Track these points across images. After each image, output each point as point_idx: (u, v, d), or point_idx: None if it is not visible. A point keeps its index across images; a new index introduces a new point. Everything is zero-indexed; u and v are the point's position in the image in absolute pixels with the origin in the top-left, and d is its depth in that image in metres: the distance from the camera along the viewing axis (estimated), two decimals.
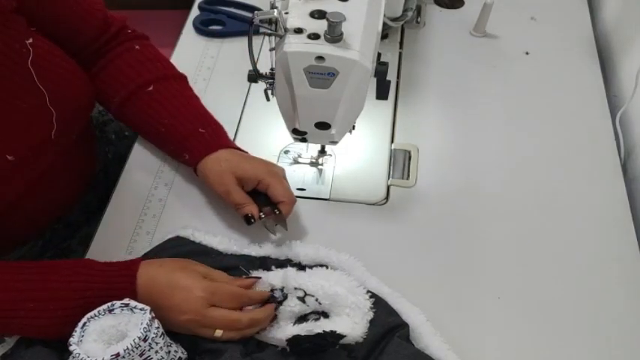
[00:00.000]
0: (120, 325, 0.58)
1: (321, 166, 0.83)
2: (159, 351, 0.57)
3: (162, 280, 0.63)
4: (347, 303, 0.64)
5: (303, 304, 0.64)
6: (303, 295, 0.65)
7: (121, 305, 0.58)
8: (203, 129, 0.76)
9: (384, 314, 0.65)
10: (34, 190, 0.71)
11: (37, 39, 0.66)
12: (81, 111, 0.74)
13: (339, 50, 0.60)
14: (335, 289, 0.64)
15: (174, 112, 0.77)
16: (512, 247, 0.75)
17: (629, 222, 0.78)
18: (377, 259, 0.72)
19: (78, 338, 0.56)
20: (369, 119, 0.86)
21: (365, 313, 0.64)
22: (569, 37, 1.02)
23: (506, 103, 0.92)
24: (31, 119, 0.66)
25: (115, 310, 0.58)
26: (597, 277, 0.73)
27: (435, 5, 1.03)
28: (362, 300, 0.65)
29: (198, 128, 0.76)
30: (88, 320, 0.58)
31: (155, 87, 0.77)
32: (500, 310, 0.70)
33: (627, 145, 0.89)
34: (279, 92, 0.66)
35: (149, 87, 0.77)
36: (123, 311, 0.58)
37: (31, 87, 0.65)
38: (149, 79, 0.78)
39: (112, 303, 0.58)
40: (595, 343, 0.68)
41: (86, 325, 0.58)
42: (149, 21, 0.87)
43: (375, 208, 0.79)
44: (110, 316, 0.58)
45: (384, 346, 0.63)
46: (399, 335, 0.64)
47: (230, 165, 0.72)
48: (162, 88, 0.78)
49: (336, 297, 0.64)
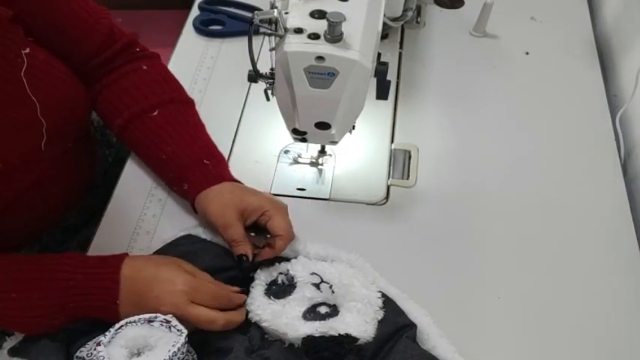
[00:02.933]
0: (151, 338, 0.57)
1: (321, 166, 0.83)
2: None
3: (146, 272, 0.63)
4: (359, 297, 0.64)
5: (317, 290, 0.65)
6: (319, 281, 0.65)
7: (162, 320, 0.58)
8: (208, 160, 0.74)
9: (393, 314, 0.66)
10: (24, 199, 0.70)
11: (33, 49, 0.65)
12: (74, 123, 0.73)
13: (339, 50, 0.60)
14: (351, 280, 0.65)
15: (178, 139, 0.75)
16: (512, 247, 0.75)
17: (629, 222, 0.78)
18: (377, 259, 0.72)
19: (109, 339, 0.56)
20: (369, 119, 0.86)
21: (375, 312, 0.65)
22: (569, 37, 1.02)
23: (506, 103, 0.92)
24: (20, 128, 0.65)
25: (155, 323, 0.58)
26: (597, 277, 0.73)
27: (435, 5, 1.03)
28: (374, 297, 0.65)
29: (202, 159, 0.74)
30: (125, 324, 0.57)
31: (160, 112, 0.75)
32: (500, 310, 0.70)
33: (627, 145, 0.89)
34: (279, 92, 0.66)
35: (154, 112, 0.75)
36: (162, 326, 0.58)
37: (23, 97, 0.64)
38: (154, 104, 0.76)
39: (155, 315, 0.58)
40: (595, 342, 0.68)
41: (122, 327, 0.57)
42: (149, 21, 0.86)
43: (375, 208, 0.79)
44: (147, 326, 0.57)
45: (392, 346, 0.63)
46: (408, 335, 0.64)
47: (234, 197, 0.70)
48: (167, 114, 0.76)
49: (350, 287, 0.65)
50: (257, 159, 0.84)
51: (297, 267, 0.67)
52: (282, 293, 0.66)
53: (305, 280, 0.66)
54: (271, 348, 0.63)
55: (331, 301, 0.65)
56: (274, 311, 0.64)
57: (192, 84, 0.93)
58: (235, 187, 0.73)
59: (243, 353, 0.62)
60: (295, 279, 0.66)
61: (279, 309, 0.65)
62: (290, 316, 0.64)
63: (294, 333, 0.62)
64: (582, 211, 0.79)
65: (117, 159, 0.92)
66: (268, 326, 0.64)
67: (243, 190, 0.72)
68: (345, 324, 0.62)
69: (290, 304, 0.65)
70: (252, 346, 0.63)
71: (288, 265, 0.68)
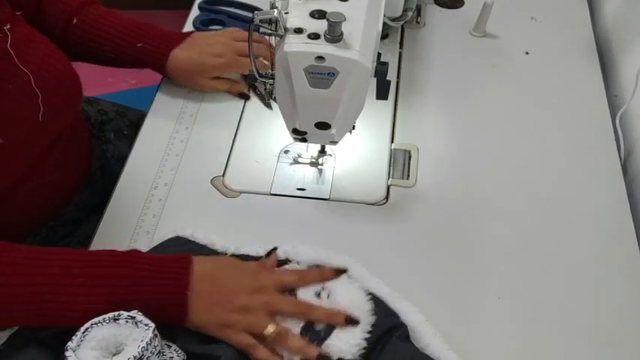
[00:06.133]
0: (121, 337, 0.57)
1: (321, 166, 0.83)
2: None
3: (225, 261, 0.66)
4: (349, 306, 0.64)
5: (318, 298, 0.65)
6: (321, 289, 0.66)
7: (127, 317, 0.57)
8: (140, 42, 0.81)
9: (382, 315, 0.65)
10: (26, 179, 0.71)
11: (17, 24, 0.67)
12: (68, 96, 0.74)
13: (339, 50, 0.60)
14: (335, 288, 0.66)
15: (106, 35, 0.81)
16: (512, 247, 0.75)
17: (629, 222, 0.78)
18: (377, 259, 0.72)
19: (77, 343, 0.56)
20: (369, 119, 0.86)
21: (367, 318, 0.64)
22: (569, 37, 1.02)
23: (506, 103, 0.92)
24: (17, 101, 0.66)
25: (120, 321, 0.57)
26: (597, 277, 0.73)
27: (435, 5, 1.03)
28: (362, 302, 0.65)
29: (135, 44, 0.80)
30: (91, 326, 0.57)
31: (78, 18, 0.81)
32: (500, 310, 0.70)
33: (627, 145, 0.89)
34: (279, 92, 0.66)
35: (73, 20, 0.81)
36: (127, 323, 0.57)
37: (14, 69, 0.66)
38: (70, 12, 0.81)
39: (119, 313, 0.57)
40: (595, 342, 0.68)
41: (88, 330, 0.57)
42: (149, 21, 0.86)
43: (375, 208, 0.79)
44: (114, 325, 0.57)
45: (382, 348, 0.63)
46: (398, 336, 0.64)
47: (192, 71, 0.78)
48: (83, 16, 0.81)
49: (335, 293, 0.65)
50: (257, 159, 0.84)
51: None
52: None
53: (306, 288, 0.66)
54: None
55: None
56: None
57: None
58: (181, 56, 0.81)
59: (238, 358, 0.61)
60: (296, 290, 0.66)
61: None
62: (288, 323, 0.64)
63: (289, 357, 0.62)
64: (582, 211, 0.79)
65: (115, 155, 0.92)
66: None
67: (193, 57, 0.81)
68: (337, 349, 0.62)
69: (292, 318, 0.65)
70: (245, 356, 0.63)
71: None
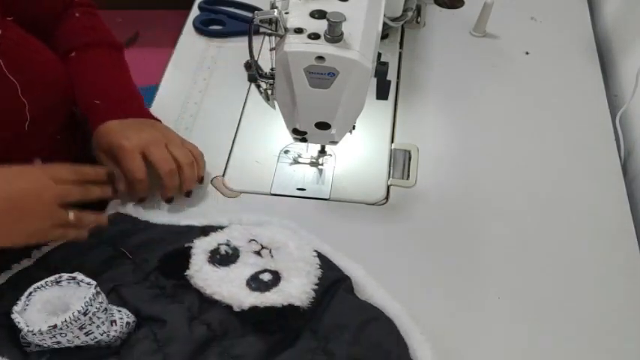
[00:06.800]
0: (65, 297, 0.58)
1: (321, 166, 0.83)
2: (100, 325, 0.57)
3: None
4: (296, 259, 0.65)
5: (259, 256, 0.66)
6: (260, 248, 0.67)
7: (68, 278, 0.59)
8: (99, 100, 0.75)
9: (327, 269, 0.67)
10: None
11: (8, 30, 0.65)
12: (58, 104, 0.74)
13: (339, 50, 0.60)
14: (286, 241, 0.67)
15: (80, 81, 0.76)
16: (512, 247, 0.75)
17: (629, 222, 0.78)
18: (377, 259, 0.72)
19: (22, 307, 0.57)
20: (369, 119, 0.86)
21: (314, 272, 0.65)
22: (569, 37, 1.02)
23: (506, 103, 0.92)
24: (2, 111, 0.65)
25: (62, 282, 0.59)
26: (597, 277, 0.73)
27: (435, 5, 1.03)
28: (309, 256, 0.66)
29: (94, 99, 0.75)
30: (34, 290, 0.58)
31: (76, 54, 0.77)
32: (500, 310, 0.70)
33: (627, 145, 0.90)
34: (279, 92, 0.66)
35: (71, 53, 0.78)
36: (69, 284, 0.59)
37: (1, 78, 0.64)
38: (74, 46, 0.78)
39: (60, 275, 0.59)
40: (595, 342, 0.67)
41: (32, 294, 0.58)
42: (149, 21, 0.87)
43: (375, 208, 0.79)
44: (57, 287, 0.59)
45: (330, 299, 0.65)
46: (344, 288, 0.66)
47: (105, 141, 0.72)
48: (82, 55, 0.78)
49: (285, 248, 0.66)
50: (257, 159, 0.84)
51: (235, 234, 0.68)
52: (225, 261, 0.67)
53: (246, 249, 0.67)
54: (211, 312, 0.63)
55: (273, 267, 0.66)
56: (220, 277, 0.64)
57: (192, 84, 0.93)
58: (114, 125, 0.73)
59: (185, 322, 0.62)
60: (239, 249, 0.67)
61: (224, 275, 0.65)
62: (235, 283, 0.64)
63: (238, 304, 0.62)
64: (582, 211, 0.79)
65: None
66: (213, 293, 0.63)
67: (120, 129, 0.72)
68: (286, 294, 0.62)
69: (234, 271, 0.65)
70: (192, 314, 0.63)
71: (226, 234, 0.69)
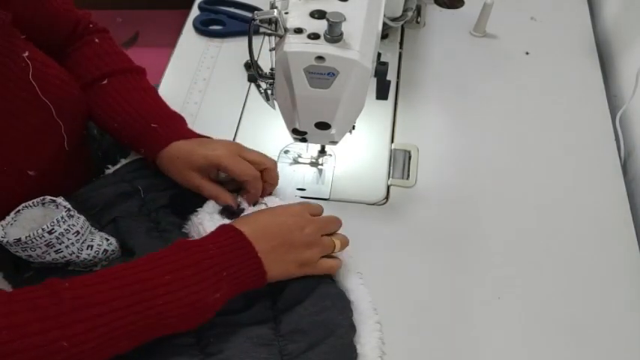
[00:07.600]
0: (48, 217, 0.62)
1: (321, 166, 0.83)
2: (70, 246, 0.62)
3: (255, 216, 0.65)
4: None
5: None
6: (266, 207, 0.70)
7: (50, 200, 0.63)
8: (155, 123, 0.74)
9: None
10: None
11: (32, 51, 0.65)
12: (83, 119, 0.75)
13: (339, 50, 0.60)
14: None
15: (127, 107, 0.76)
16: (512, 247, 0.75)
17: (629, 222, 0.78)
18: (377, 259, 0.72)
19: (8, 222, 0.61)
20: (369, 119, 0.86)
21: None
22: (569, 37, 1.02)
23: (506, 103, 0.92)
24: (42, 132, 0.66)
25: (46, 204, 0.63)
26: (597, 278, 0.73)
27: (435, 5, 1.03)
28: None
29: (150, 123, 0.74)
30: (22, 208, 0.62)
31: (110, 81, 0.77)
32: (500, 310, 0.70)
33: (627, 145, 0.90)
34: (279, 92, 0.66)
35: (104, 80, 0.77)
36: (50, 206, 0.63)
37: (37, 101, 0.65)
38: (105, 73, 0.77)
39: (44, 197, 0.63)
40: (595, 342, 0.68)
41: (20, 212, 0.62)
42: (149, 21, 0.87)
43: (375, 208, 0.79)
44: (42, 207, 0.63)
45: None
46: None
47: (183, 161, 0.71)
48: (116, 82, 0.77)
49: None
50: None
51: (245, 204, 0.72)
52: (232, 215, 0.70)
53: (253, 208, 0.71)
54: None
55: None
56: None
57: (192, 84, 0.94)
58: (184, 144, 0.72)
59: (144, 229, 0.68)
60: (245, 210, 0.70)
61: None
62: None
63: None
64: (582, 211, 0.79)
65: (105, 153, 0.92)
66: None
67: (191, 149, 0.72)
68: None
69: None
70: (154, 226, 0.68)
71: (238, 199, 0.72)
